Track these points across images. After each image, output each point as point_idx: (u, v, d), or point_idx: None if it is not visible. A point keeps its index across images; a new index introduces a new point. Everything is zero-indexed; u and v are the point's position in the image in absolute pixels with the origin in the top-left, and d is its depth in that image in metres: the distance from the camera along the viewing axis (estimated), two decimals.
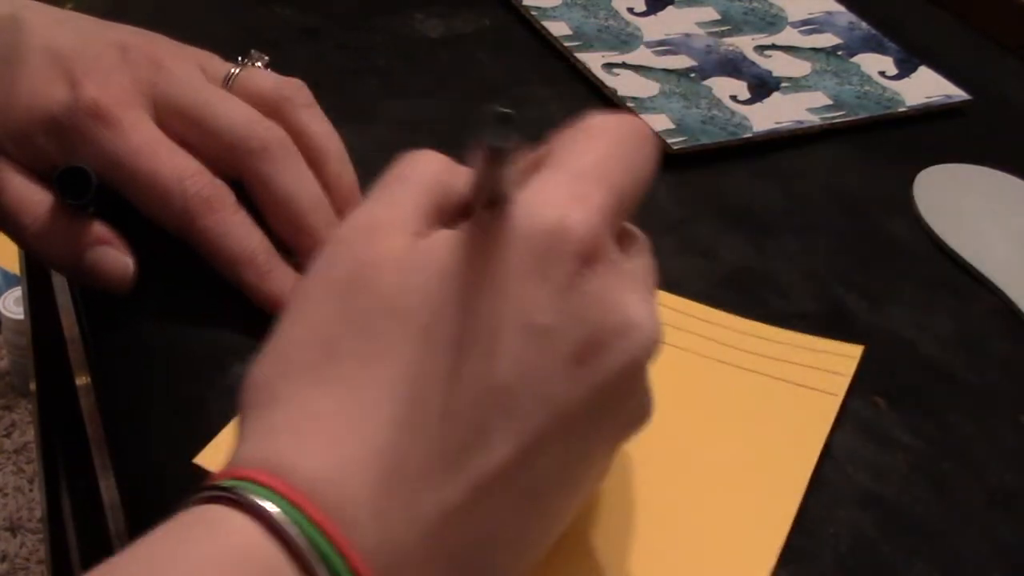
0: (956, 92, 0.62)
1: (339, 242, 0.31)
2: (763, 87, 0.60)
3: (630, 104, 0.57)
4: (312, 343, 0.30)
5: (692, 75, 0.60)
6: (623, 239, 0.32)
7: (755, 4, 0.69)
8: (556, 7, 0.65)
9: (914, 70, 0.64)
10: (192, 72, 0.44)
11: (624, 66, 0.60)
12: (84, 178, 0.40)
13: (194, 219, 0.41)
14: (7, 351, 1.70)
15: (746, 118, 0.57)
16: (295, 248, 0.43)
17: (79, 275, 0.42)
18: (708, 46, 0.64)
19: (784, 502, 0.37)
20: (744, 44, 0.64)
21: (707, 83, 0.60)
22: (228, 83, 0.45)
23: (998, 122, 0.62)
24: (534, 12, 0.64)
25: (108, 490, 0.40)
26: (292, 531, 0.26)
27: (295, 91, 0.45)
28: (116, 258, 0.42)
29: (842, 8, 0.70)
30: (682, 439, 0.39)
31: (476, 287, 0.28)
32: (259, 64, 0.47)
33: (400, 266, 0.29)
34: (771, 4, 0.69)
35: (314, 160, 0.44)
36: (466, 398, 0.28)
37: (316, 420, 0.28)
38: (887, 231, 0.52)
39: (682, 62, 0.62)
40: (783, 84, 0.61)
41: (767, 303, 0.46)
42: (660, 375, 0.41)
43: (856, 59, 0.64)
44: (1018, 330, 0.47)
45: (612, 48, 0.62)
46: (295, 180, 0.43)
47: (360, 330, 0.29)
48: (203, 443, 0.37)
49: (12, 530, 1.53)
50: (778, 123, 0.57)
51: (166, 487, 0.37)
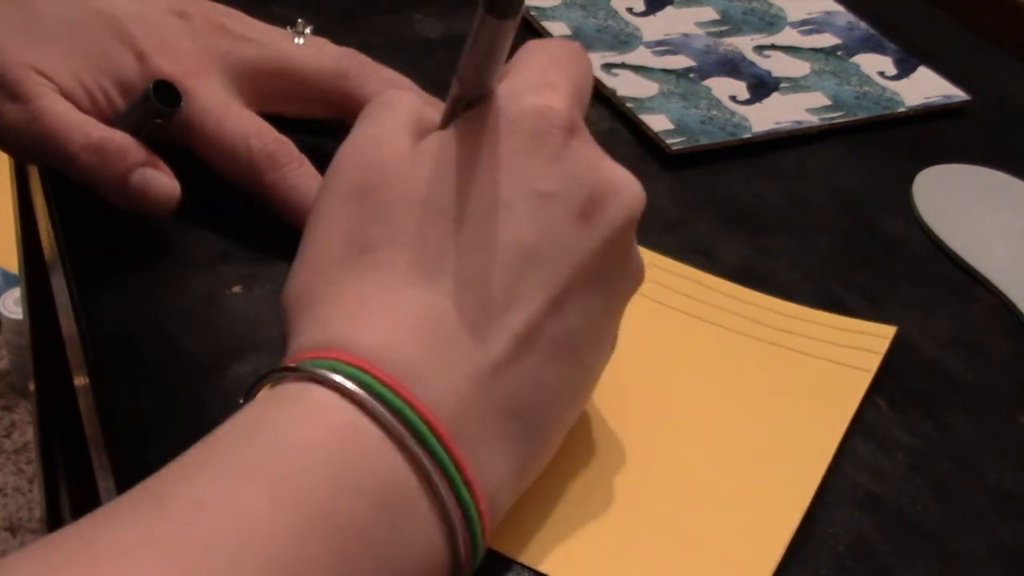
0: (955, 92, 0.62)
1: (342, 158, 0.34)
2: (762, 87, 0.60)
3: (629, 104, 0.57)
4: (338, 243, 0.33)
5: (691, 75, 0.60)
6: None
7: (754, 4, 0.69)
8: (555, 7, 0.65)
9: (913, 70, 0.64)
10: (258, 31, 0.48)
11: (623, 66, 0.60)
12: (174, 91, 0.43)
13: (262, 174, 0.44)
14: (7, 351, 1.70)
15: (745, 118, 0.57)
16: None
17: (126, 195, 0.43)
18: (707, 46, 0.64)
19: (808, 476, 0.38)
20: (743, 44, 0.64)
21: (706, 83, 0.60)
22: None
23: (997, 122, 0.62)
24: (533, 12, 0.64)
25: (107, 490, 0.40)
26: (360, 394, 0.28)
27: (357, 54, 0.49)
28: (164, 180, 0.43)
29: (841, 8, 0.70)
30: (712, 411, 0.40)
31: (481, 168, 0.32)
32: (307, 31, 0.50)
33: (407, 162, 0.33)
34: (770, 4, 0.69)
35: None
36: (494, 262, 0.31)
37: (361, 301, 0.31)
38: (887, 231, 0.52)
39: (681, 62, 0.62)
40: (782, 84, 0.61)
41: None
42: (693, 349, 0.42)
43: (855, 59, 0.64)
44: (1018, 330, 0.47)
45: (611, 48, 0.62)
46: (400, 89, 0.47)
47: (382, 221, 0.32)
48: None
49: (12, 530, 1.53)
50: (777, 123, 0.57)
51: None
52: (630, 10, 0.66)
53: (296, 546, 0.26)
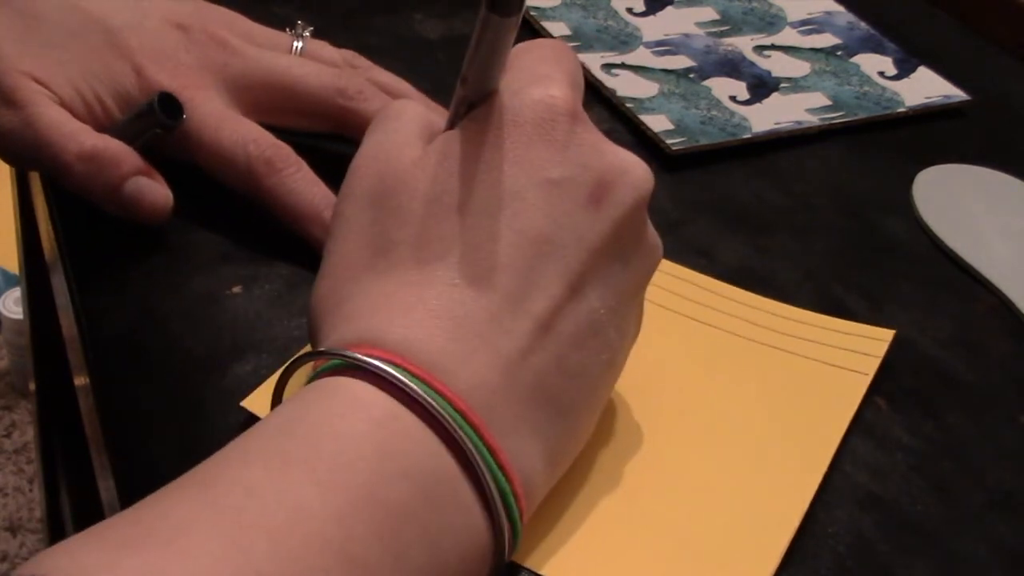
0: (955, 92, 0.62)
1: (357, 168, 0.35)
2: (762, 87, 0.60)
3: (629, 104, 0.57)
4: (360, 248, 0.33)
5: (691, 75, 0.60)
6: None
7: (754, 4, 0.69)
8: (555, 7, 0.65)
9: (913, 70, 0.64)
10: (258, 41, 0.48)
11: (623, 66, 0.60)
12: (176, 104, 0.44)
13: (259, 180, 0.44)
14: (7, 351, 1.70)
15: (745, 118, 0.57)
16: None
17: (119, 204, 0.44)
18: (707, 46, 0.64)
19: (807, 478, 0.38)
20: (743, 44, 0.64)
21: (706, 83, 0.60)
22: (296, 54, 0.49)
23: (997, 122, 0.62)
24: (533, 12, 0.64)
25: (107, 490, 0.40)
26: (402, 380, 0.29)
27: (356, 57, 0.51)
28: (157, 189, 0.44)
29: (841, 8, 0.70)
30: (712, 413, 0.40)
31: (490, 161, 0.33)
32: (307, 34, 0.50)
33: (420, 165, 0.33)
34: (770, 4, 0.69)
35: None
36: (511, 251, 0.32)
37: (386, 298, 0.32)
38: (887, 231, 0.52)
39: (681, 62, 0.62)
40: (782, 84, 0.61)
41: None
42: (692, 352, 0.42)
43: (855, 59, 0.64)
44: (1018, 330, 0.47)
45: (611, 48, 0.62)
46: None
47: (401, 223, 0.33)
48: (202, 443, 0.37)
49: (12, 530, 1.53)
50: (777, 123, 0.57)
51: None
52: (630, 10, 0.66)
53: (344, 529, 0.27)
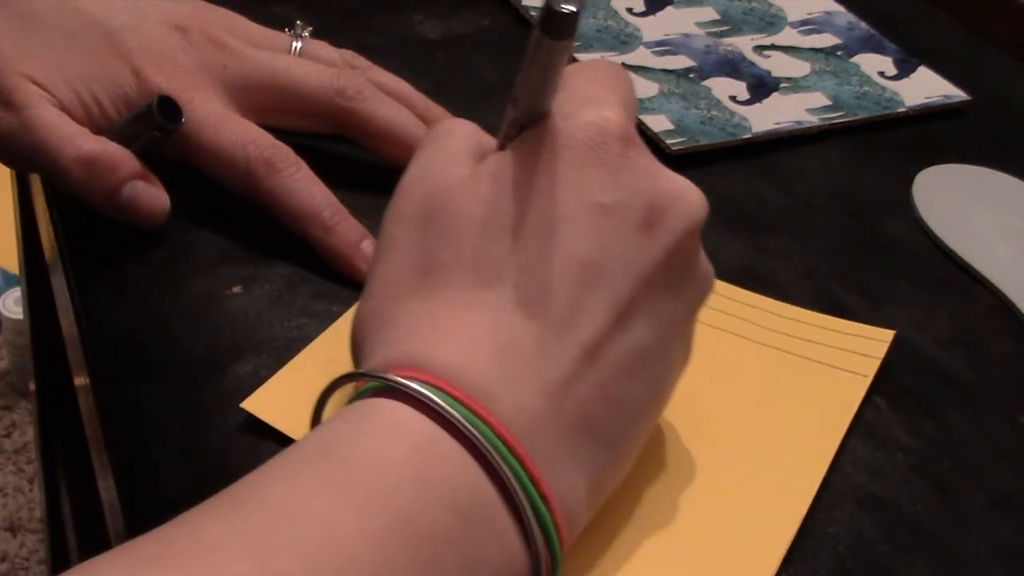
0: (955, 92, 0.62)
1: (405, 186, 0.34)
2: (762, 87, 0.60)
3: None
4: (406, 268, 0.33)
5: (691, 75, 0.60)
6: None
7: (754, 4, 0.69)
8: None
9: (913, 70, 0.64)
10: (256, 41, 0.48)
11: (623, 66, 0.60)
12: (176, 108, 0.44)
13: (259, 180, 0.44)
14: (7, 351, 1.70)
15: (745, 118, 0.57)
16: None
17: (116, 208, 0.44)
18: (707, 46, 0.64)
19: (807, 479, 0.38)
20: (743, 44, 0.64)
21: (706, 83, 0.60)
22: (295, 55, 0.49)
23: (997, 122, 0.62)
24: (533, 12, 0.64)
25: (107, 490, 0.40)
26: (443, 406, 0.29)
27: (355, 57, 0.51)
28: (154, 194, 0.44)
29: (841, 8, 0.70)
30: (710, 415, 0.40)
31: (541, 184, 0.32)
32: (305, 34, 0.50)
33: (468, 185, 0.33)
34: (770, 4, 0.69)
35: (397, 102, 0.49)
36: (559, 277, 0.31)
37: (430, 320, 0.31)
38: (887, 231, 0.52)
39: (681, 62, 0.62)
40: (782, 84, 0.61)
41: None
42: (693, 353, 0.42)
43: (855, 59, 0.64)
44: (1018, 330, 0.47)
45: (611, 48, 0.62)
46: (393, 110, 0.48)
47: (447, 243, 0.32)
48: (203, 443, 0.37)
49: (12, 530, 1.53)
50: (777, 123, 0.57)
51: (165, 487, 0.37)
52: (630, 10, 0.66)
53: (378, 552, 0.26)
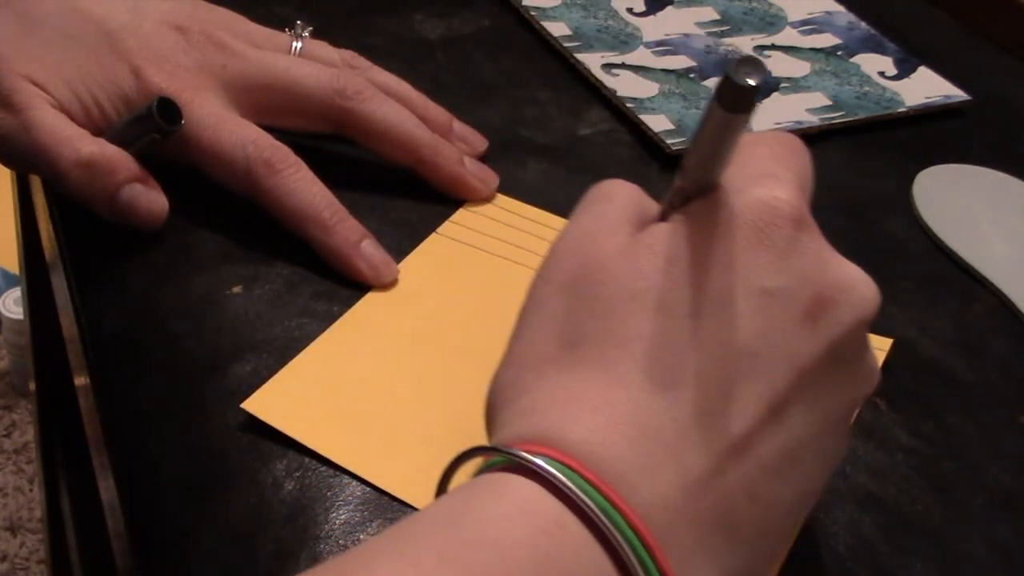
0: (955, 92, 0.62)
1: (558, 249, 0.33)
2: (762, 87, 0.60)
3: (629, 104, 0.57)
4: (550, 337, 0.31)
5: (692, 75, 0.60)
6: None
7: (755, 4, 0.69)
8: (555, 7, 0.65)
9: (914, 70, 0.64)
10: (256, 41, 0.48)
11: (623, 66, 0.60)
12: (175, 109, 0.44)
13: (259, 181, 0.44)
14: (7, 351, 1.70)
15: None
16: (416, 163, 0.48)
17: (114, 211, 0.44)
18: (708, 46, 0.64)
19: None
20: (743, 44, 0.64)
21: (707, 83, 0.60)
22: (295, 55, 0.49)
23: (997, 122, 0.62)
24: (533, 12, 0.64)
25: (107, 490, 0.40)
26: (573, 489, 0.27)
27: (355, 57, 0.51)
28: (152, 197, 0.44)
29: (842, 8, 0.70)
30: None
31: (705, 262, 0.30)
32: (306, 34, 0.51)
33: (626, 256, 0.31)
34: (770, 4, 0.69)
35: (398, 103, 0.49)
36: (712, 363, 0.29)
37: (571, 396, 0.29)
38: (887, 231, 0.52)
39: (682, 62, 0.62)
40: (783, 84, 0.61)
41: None
42: None
43: (856, 59, 0.64)
44: (1018, 330, 0.47)
45: (611, 48, 0.62)
46: (393, 109, 0.48)
47: (596, 315, 0.30)
48: (203, 443, 0.37)
49: (12, 530, 1.53)
50: (777, 123, 0.57)
51: (165, 487, 0.37)
52: (630, 10, 0.66)
53: None
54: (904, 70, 0.64)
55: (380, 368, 0.40)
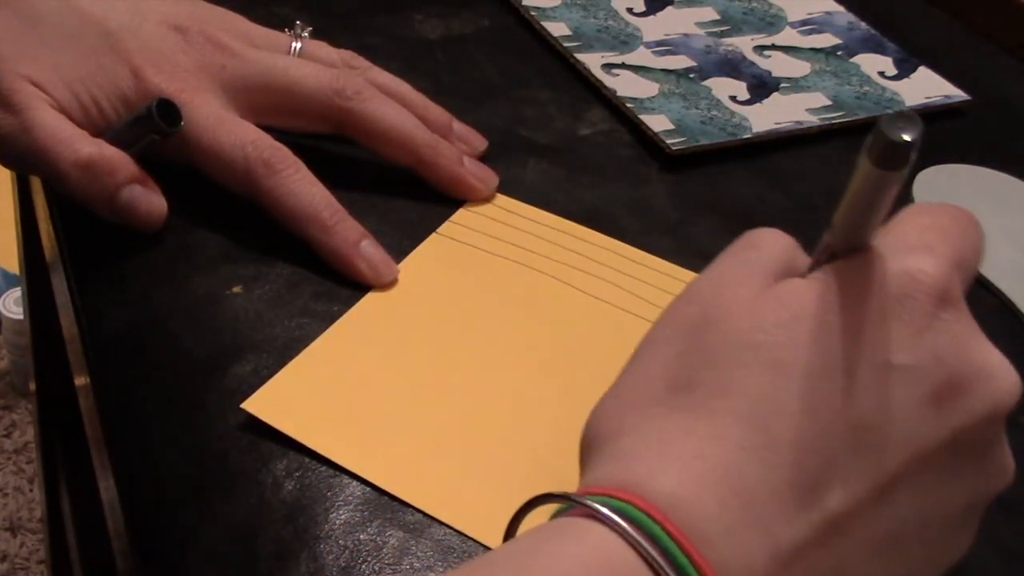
0: (955, 92, 0.62)
1: (688, 292, 0.31)
2: (762, 87, 0.60)
3: (629, 104, 0.57)
4: (659, 378, 0.30)
5: (691, 75, 0.60)
6: None
7: (754, 4, 0.69)
8: (555, 7, 0.65)
9: (913, 70, 0.64)
10: (256, 42, 0.48)
11: (623, 66, 0.60)
12: (175, 110, 0.44)
13: (258, 181, 0.44)
14: (7, 351, 1.70)
15: (745, 119, 0.57)
16: (416, 163, 0.48)
17: (113, 212, 0.44)
18: (707, 46, 0.64)
19: None
20: (743, 44, 0.64)
21: (706, 83, 0.60)
22: (294, 55, 0.50)
23: (998, 122, 0.62)
24: (533, 12, 0.64)
25: (107, 490, 0.40)
26: (650, 542, 0.26)
27: (355, 57, 0.51)
28: (151, 198, 0.44)
29: (841, 8, 0.70)
30: None
31: (832, 325, 0.29)
32: (305, 34, 0.51)
33: (752, 307, 0.29)
34: (770, 4, 0.69)
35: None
36: (821, 432, 0.28)
37: (667, 444, 0.28)
38: None
39: (681, 62, 0.62)
40: (782, 84, 0.61)
41: None
42: None
43: (855, 59, 0.64)
44: (1018, 330, 0.47)
45: (611, 48, 0.62)
46: (394, 110, 0.48)
47: (709, 363, 0.29)
48: (203, 443, 0.37)
49: (12, 530, 1.53)
50: (777, 124, 0.57)
51: (165, 487, 0.37)
52: (630, 10, 0.66)
53: None
54: (904, 70, 0.64)
55: (380, 368, 0.40)
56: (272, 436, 0.37)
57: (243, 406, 0.38)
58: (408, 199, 0.48)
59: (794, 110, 0.59)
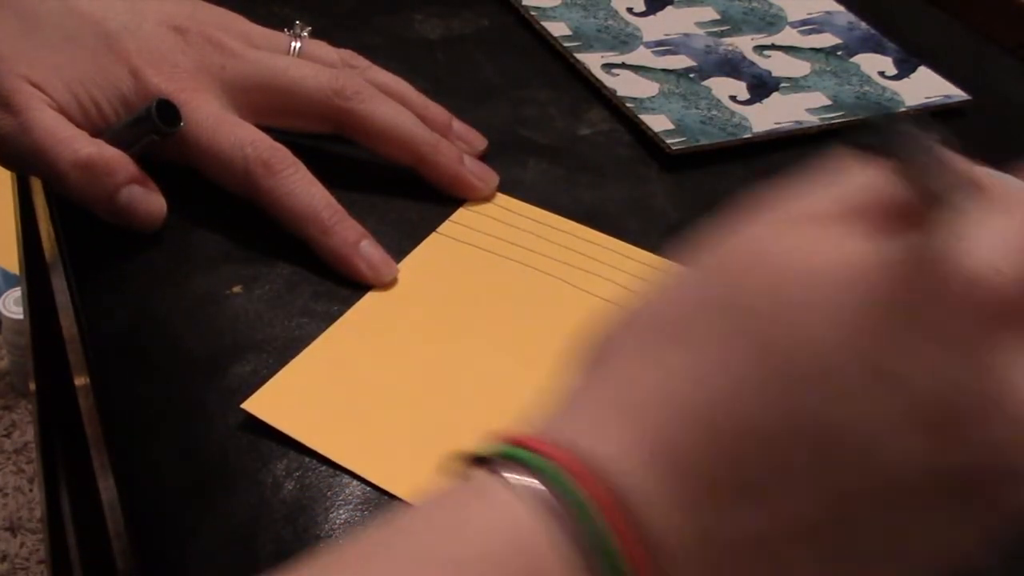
0: (955, 92, 0.62)
1: (733, 232, 0.28)
2: (762, 87, 0.60)
3: (629, 104, 0.57)
4: (665, 311, 0.27)
5: (691, 75, 0.60)
6: None
7: (754, 4, 0.69)
8: (555, 7, 0.65)
9: (913, 70, 0.64)
10: (255, 42, 0.48)
11: (623, 66, 0.60)
12: (175, 111, 0.44)
13: (257, 182, 0.44)
14: (7, 351, 1.70)
15: (745, 118, 0.57)
16: (416, 162, 0.48)
17: (112, 213, 0.44)
18: (707, 46, 0.64)
19: None
20: (743, 44, 0.64)
21: (706, 83, 0.60)
22: (294, 55, 0.49)
23: (998, 122, 0.62)
24: (533, 12, 0.64)
25: (107, 490, 0.40)
26: (569, 511, 0.24)
27: (354, 57, 0.51)
28: (151, 198, 0.44)
29: (841, 8, 0.70)
30: None
31: (854, 320, 0.25)
32: (304, 34, 0.50)
33: (780, 270, 0.26)
34: (770, 4, 0.69)
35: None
36: (781, 429, 0.25)
37: (628, 402, 0.26)
38: None
39: (681, 62, 0.62)
40: (782, 84, 0.61)
41: None
42: None
43: (855, 59, 0.64)
44: None
45: (611, 48, 0.62)
46: (392, 109, 0.48)
47: (704, 321, 0.26)
48: (203, 443, 0.37)
49: (12, 530, 1.53)
50: (777, 123, 0.57)
51: (165, 487, 0.37)
52: (630, 10, 0.66)
53: None
54: (904, 70, 0.64)
55: (380, 368, 0.40)
56: (272, 436, 0.37)
57: (243, 406, 0.38)
58: (408, 199, 0.48)
59: (794, 110, 0.59)
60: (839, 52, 0.65)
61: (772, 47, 0.64)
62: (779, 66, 0.63)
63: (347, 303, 0.43)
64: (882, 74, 0.63)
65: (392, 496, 0.36)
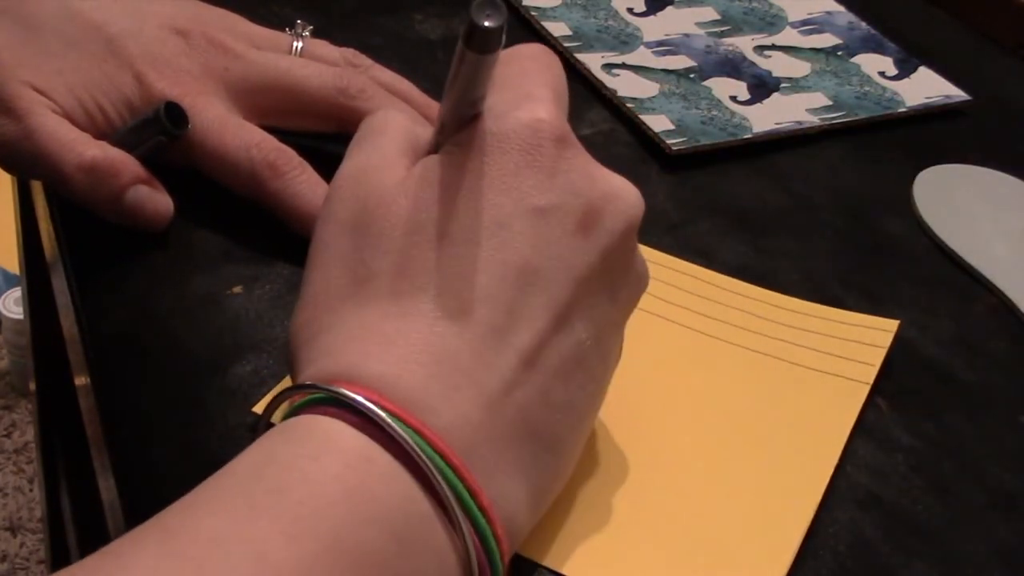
0: (956, 92, 0.62)
1: (337, 188, 0.34)
2: (763, 87, 0.60)
3: (629, 104, 0.57)
4: (339, 275, 0.32)
5: (692, 75, 0.60)
6: None
7: (755, 4, 0.69)
8: (556, 7, 0.65)
9: (914, 70, 0.64)
10: (257, 42, 0.48)
11: (624, 66, 0.60)
12: (182, 114, 0.44)
13: (263, 183, 0.44)
14: (7, 351, 1.70)
15: (746, 119, 0.57)
16: None
17: (119, 214, 0.44)
18: (708, 46, 0.64)
19: (815, 476, 0.38)
20: (744, 44, 0.64)
21: (707, 83, 0.60)
22: (296, 55, 0.49)
23: (998, 122, 0.62)
24: (534, 12, 0.64)
25: (107, 490, 0.40)
26: (382, 417, 0.28)
27: (357, 55, 0.51)
28: (157, 198, 0.44)
29: (842, 8, 0.70)
30: (717, 417, 0.40)
31: (476, 189, 0.32)
32: (306, 33, 0.50)
33: (402, 190, 0.32)
34: (771, 4, 0.69)
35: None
36: (496, 283, 0.31)
37: (365, 331, 0.31)
38: (887, 231, 0.52)
39: (682, 62, 0.62)
40: (783, 84, 0.61)
41: None
42: (697, 355, 0.41)
43: (856, 59, 0.64)
44: (1018, 330, 0.47)
45: (612, 48, 0.62)
46: (396, 107, 0.48)
47: (381, 250, 0.32)
48: (203, 443, 0.37)
49: (12, 530, 1.53)
50: (778, 124, 0.57)
51: (165, 487, 0.37)
52: (630, 10, 0.66)
53: None
54: (904, 70, 0.64)
55: None
56: None
57: (255, 410, 0.38)
58: None
59: (794, 110, 0.59)
60: (839, 52, 0.65)
61: (772, 47, 0.65)
62: (779, 66, 0.63)
63: None
64: (882, 74, 0.63)
65: None
